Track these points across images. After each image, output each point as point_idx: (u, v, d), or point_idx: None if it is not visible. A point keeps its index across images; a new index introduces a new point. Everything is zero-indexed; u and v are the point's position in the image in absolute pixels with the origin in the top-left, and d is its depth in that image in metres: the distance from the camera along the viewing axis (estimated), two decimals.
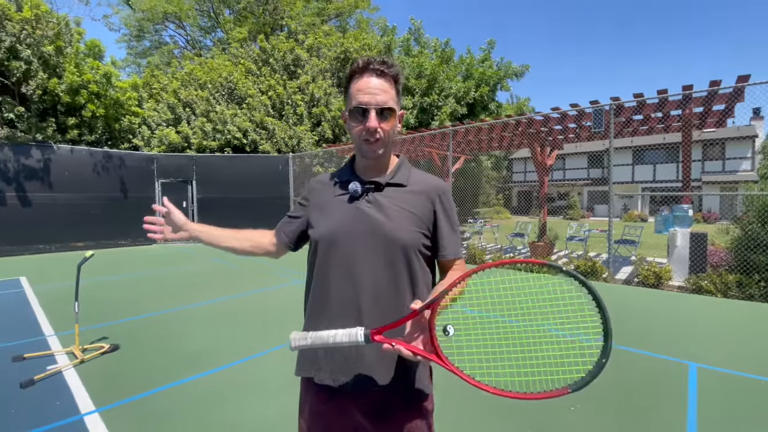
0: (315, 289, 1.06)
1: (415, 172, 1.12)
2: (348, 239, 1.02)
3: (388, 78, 1.01)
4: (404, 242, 1.00)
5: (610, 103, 6.43)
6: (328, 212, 1.08)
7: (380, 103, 0.98)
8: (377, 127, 0.99)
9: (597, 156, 26.66)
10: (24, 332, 4.20)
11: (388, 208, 1.03)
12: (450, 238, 1.07)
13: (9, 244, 10.11)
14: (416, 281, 1.02)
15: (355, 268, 1.00)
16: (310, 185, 1.20)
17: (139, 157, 12.72)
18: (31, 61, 10.19)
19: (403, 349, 0.82)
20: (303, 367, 1.06)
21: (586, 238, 9.28)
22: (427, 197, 1.06)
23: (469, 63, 18.48)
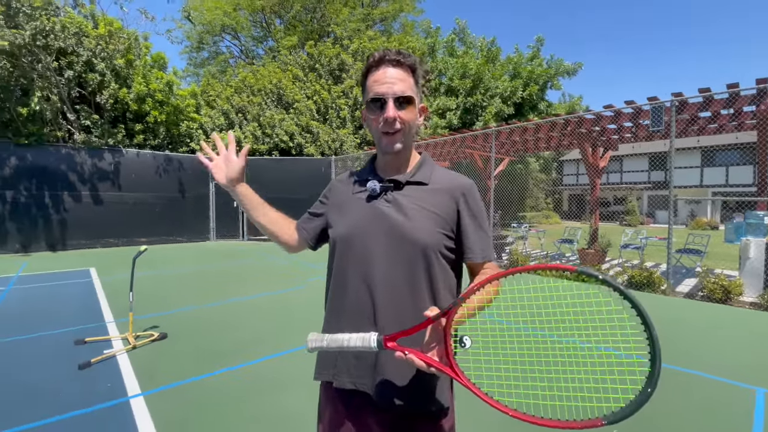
0: (333, 289, 1.05)
1: (438, 170, 1.07)
2: (364, 239, 0.99)
3: (404, 67, 0.97)
4: (424, 243, 0.96)
5: (671, 99, 5.89)
6: (346, 211, 1.07)
7: (398, 92, 0.95)
8: (396, 117, 0.95)
9: (659, 157, 24.63)
10: (88, 318, 4.62)
11: (408, 207, 0.98)
12: (476, 239, 1.00)
13: (83, 238, 11.24)
14: (436, 284, 0.97)
15: (371, 269, 0.97)
16: (331, 184, 1.19)
17: (195, 160, 13.62)
18: (105, 74, 11.28)
19: (415, 359, 0.78)
20: (321, 370, 1.04)
21: (643, 246, 8.58)
22: (451, 196, 1.01)
23: (517, 62, 17.87)
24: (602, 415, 0.70)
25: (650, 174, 26.56)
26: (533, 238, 12.20)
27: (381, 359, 0.95)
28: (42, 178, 10.58)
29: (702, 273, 6.21)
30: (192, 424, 2.45)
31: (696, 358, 3.49)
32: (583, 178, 29.53)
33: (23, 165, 10.31)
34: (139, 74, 12.08)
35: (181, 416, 2.54)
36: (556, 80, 18.22)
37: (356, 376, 0.97)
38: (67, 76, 10.71)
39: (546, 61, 18.11)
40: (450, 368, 0.79)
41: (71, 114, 11.18)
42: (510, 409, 0.76)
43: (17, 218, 10.22)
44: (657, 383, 0.67)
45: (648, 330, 0.68)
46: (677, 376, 3.13)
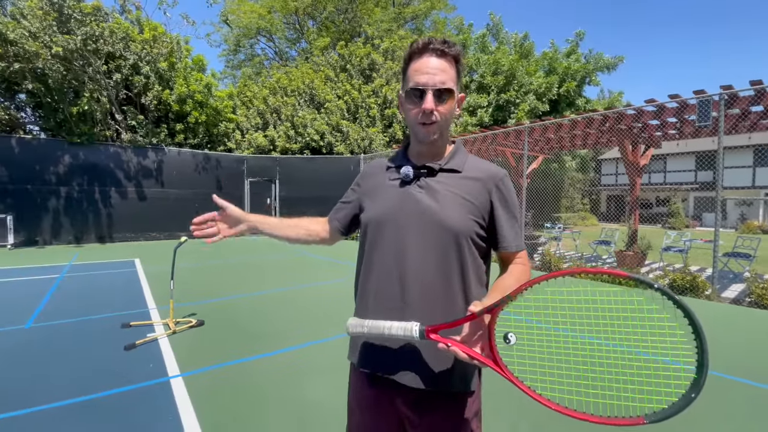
0: (363, 273, 1.06)
1: (471, 159, 1.07)
2: (396, 224, 0.99)
3: (448, 58, 0.96)
4: (456, 229, 0.95)
5: (720, 92, 5.53)
6: (379, 196, 1.07)
7: (438, 84, 0.94)
8: (434, 110, 0.95)
9: (707, 156, 23.09)
10: (133, 304, 4.93)
11: (441, 193, 0.99)
12: (509, 228, 1.00)
13: (128, 231, 11.97)
14: (466, 271, 0.97)
15: (402, 254, 0.97)
16: (363, 170, 1.20)
17: (231, 159, 14.17)
18: (149, 76, 11.94)
19: (459, 351, 0.79)
20: (354, 352, 1.06)
21: (687, 249, 8.10)
22: (484, 185, 1.00)
23: (552, 57, 17.31)
24: (644, 414, 0.70)
25: (697, 174, 24.98)
26: (567, 238, 11.80)
27: (414, 347, 0.95)
28: (92, 174, 11.35)
29: (750, 278, 5.80)
30: (226, 403, 2.58)
31: (743, 366, 3.28)
32: (623, 178, 28.19)
33: (76, 163, 11.10)
34: (180, 76, 12.71)
35: (216, 396, 2.68)
36: (595, 75, 17.50)
37: (385, 359, 0.99)
38: (115, 78, 11.43)
39: (584, 56, 17.43)
40: (493, 362, 0.80)
41: (119, 114, 11.92)
42: (553, 402, 0.76)
43: (71, 212, 11.03)
44: (701, 390, 0.67)
45: (698, 338, 0.67)
46: (725, 383, 2.96)
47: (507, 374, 0.79)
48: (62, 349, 3.45)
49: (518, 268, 1.00)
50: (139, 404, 2.55)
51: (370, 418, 1.05)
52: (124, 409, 2.49)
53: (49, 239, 10.74)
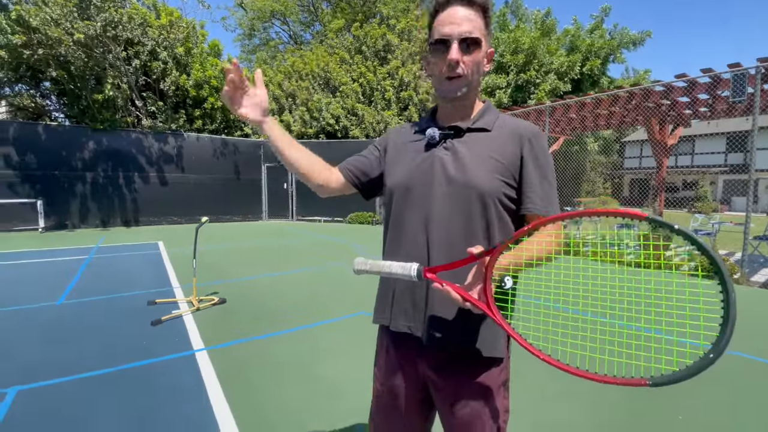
0: (390, 241, 1.04)
1: (503, 117, 1.01)
2: (422, 187, 0.96)
3: (475, 7, 0.90)
4: (481, 190, 0.91)
5: (757, 65, 5.20)
6: (403, 159, 1.04)
7: (464, 33, 0.88)
8: (459, 60, 0.89)
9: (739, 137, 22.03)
10: (158, 283, 5.09)
11: (467, 154, 0.94)
12: (539, 188, 0.93)
13: (152, 215, 12.31)
14: (492, 233, 0.92)
15: (429, 217, 0.95)
16: (388, 133, 1.15)
17: (249, 144, 14.28)
18: (167, 62, 12.05)
19: (451, 291, 0.78)
20: (379, 314, 1.05)
21: (715, 232, 7.80)
22: (513, 142, 0.94)
23: (575, 34, 16.61)
24: (649, 376, 0.65)
25: (727, 156, 23.91)
26: (588, 223, 11.52)
27: (432, 302, 0.94)
28: (116, 160, 11.65)
29: None
30: (249, 376, 2.65)
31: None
32: (647, 161, 27.23)
33: (100, 149, 11.39)
34: (197, 62, 12.78)
35: (238, 369, 2.75)
36: (620, 52, 16.74)
37: (412, 319, 0.97)
38: (134, 65, 11.58)
39: (609, 32, 16.66)
40: (486, 305, 0.78)
41: (139, 101, 12.12)
42: (544, 354, 0.73)
43: (97, 197, 11.39)
44: (722, 352, 0.60)
45: (725, 290, 0.60)
46: (754, 366, 2.87)
47: (498, 318, 0.77)
48: (92, 324, 3.59)
49: (545, 237, 0.91)
50: (166, 375, 2.65)
51: (393, 379, 1.04)
52: (153, 379, 2.59)
53: (78, 223, 11.14)
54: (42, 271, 5.86)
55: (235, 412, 2.23)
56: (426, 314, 0.95)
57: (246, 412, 2.23)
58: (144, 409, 2.25)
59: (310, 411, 2.26)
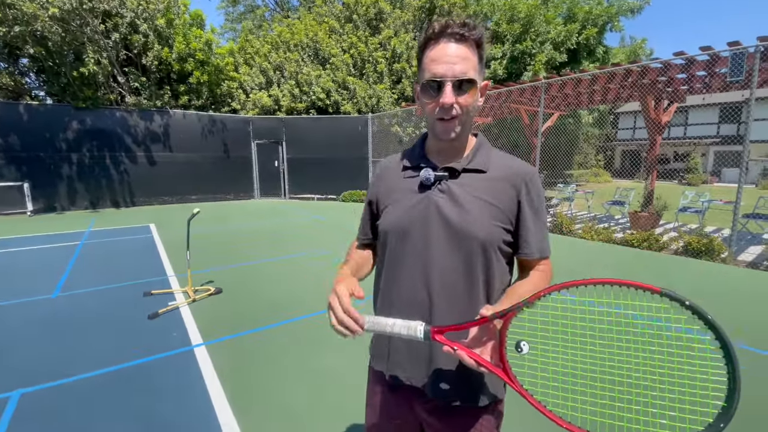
0: (386, 284, 1.01)
1: (496, 155, 0.98)
2: (419, 233, 0.93)
3: (469, 43, 0.86)
4: (482, 238, 0.89)
5: (757, 44, 5.11)
6: (397, 201, 1.00)
7: (458, 74, 0.84)
8: (453, 103, 0.86)
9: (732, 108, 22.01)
10: (152, 271, 5.08)
11: (464, 198, 0.91)
12: (535, 232, 0.93)
13: (142, 196, 12.12)
14: (492, 281, 0.92)
15: (427, 265, 0.92)
16: (377, 171, 1.12)
17: (237, 120, 13.92)
18: (148, 34, 11.48)
19: (465, 356, 0.76)
20: (376, 360, 1.04)
21: (704, 210, 7.93)
22: (512, 185, 0.93)
23: (573, 1, 16.07)
24: None
25: (719, 127, 23.93)
26: (580, 199, 11.62)
27: (435, 354, 0.93)
28: (102, 140, 11.31)
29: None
30: (247, 370, 2.70)
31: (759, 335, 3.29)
32: (640, 132, 27.19)
33: (84, 128, 11.02)
34: (179, 34, 12.19)
35: (237, 363, 2.81)
36: (617, 20, 16.29)
37: (410, 371, 0.96)
38: (114, 38, 11.02)
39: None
40: (503, 371, 0.76)
41: (121, 77, 11.63)
42: (564, 421, 0.72)
43: (84, 179, 11.13)
44: (730, 420, 0.64)
45: (730, 363, 0.64)
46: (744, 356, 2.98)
47: (516, 386, 0.76)
48: (89, 319, 3.60)
49: (538, 275, 0.95)
50: (166, 373, 2.69)
51: (388, 422, 1.05)
52: (153, 378, 2.62)
53: (67, 205, 10.94)
54: (34, 259, 5.80)
55: (235, 410, 2.29)
56: (430, 367, 0.94)
57: (246, 409, 2.29)
58: (145, 408, 2.29)
59: (312, 405, 2.32)
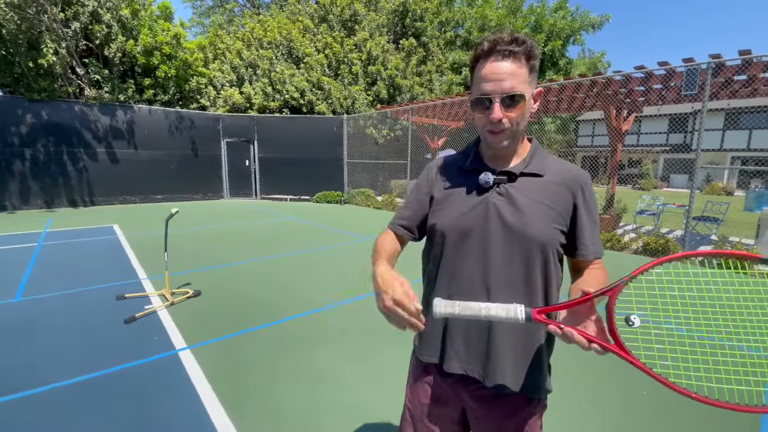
0: (443, 284, 1.01)
1: (551, 160, 1.02)
2: (478, 235, 0.96)
3: (517, 57, 0.88)
4: (541, 240, 0.93)
5: (709, 61, 5.61)
6: (455, 202, 1.01)
7: (507, 90, 0.88)
8: (501, 118, 0.90)
9: (680, 119, 23.78)
10: (122, 274, 4.84)
11: (522, 201, 0.94)
12: (590, 235, 0.97)
13: (102, 195, 11.47)
14: (550, 282, 0.96)
15: (487, 266, 0.94)
16: (431, 169, 1.11)
17: (206, 117, 13.47)
18: (112, 25, 10.91)
19: (575, 335, 0.74)
20: (428, 352, 1.04)
21: (660, 212, 8.54)
22: (568, 189, 0.97)
23: (540, 13, 16.83)
24: None
25: (669, 136, 25.77)
26: None
27: (495, 345, 0.95)
28: (58, 134, 10.60)
29: (718, 241, 6.24)
30: (238, 372, 2.66)
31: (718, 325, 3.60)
32: (599, 139, 28.78)
33: (39, 122, 10.30)
34: (145, 25, 11.66)
35: (226, 366, 2.75)
36: (580, 35, 17.23)
37: (466, 361, 0.98)
38: (74, 28, 10.39)
39: (571, 13, 17.03)
40: (617, 346, 0.74)
41: (80, 68, 10.96)
42: (690, 391, 0.71)
43: (38, 175, 10.39)
44: None
45: None
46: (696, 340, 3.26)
47: (634, 360, 0.73)
48: (59, 324, 3.40)
49: (597, 272, 0.97)
50: (151, 378, 2.59)
51: (433, 408, 1.07)
52: (138, 383, 2.52)
53: (19, 204, 10.16)
54: None
55: (229, 412, 2.25)
56: (489, 356, 0.96)
57: (241, 411, 2.26)
58: (134, 416, 2.21)
59: (308, 404, 2.32)
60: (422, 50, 15.86)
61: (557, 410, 2.34)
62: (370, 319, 3.48)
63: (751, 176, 22.28)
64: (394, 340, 2.98)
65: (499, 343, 0.95)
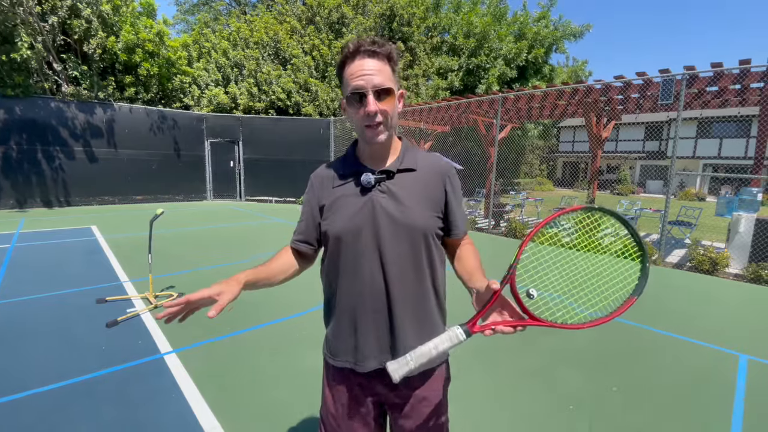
0: (346, 284, 1.07)
1: (421, 155, 1.12)
2: (370, 231, 1.02)
3: (381, 57, 0.97)
4: (423, 227, 1.04)
5: (683, 72, 5.86)
6: (343, 206, 1.06)
7: (377, 85, 0.95)
8: (377, 110, 0.96)
9: (656, 127, 24.62)
10: (102, 277, 4.71)
11: (402, 195, 1.04)
12: (460, 216, 1.12)
13: (78, 195, 11.11)
14: (434, 262, 1.08)
15: (384, 257, 1.02)
16: (313, 181, 1.16)
17: (190, 117, 13.23)
18: (91, 20, 10.62)
19: (504, 328, 0.84)
20: (341, 356, 1.09)
21: (637, 217, 8.84)
22: (438, 179, 1.08)
23: (523, 21, 17.19)
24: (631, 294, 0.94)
25: (645, 143, 26.65)
26: (530, 206, 12.40)
27: (398, 331, 1.03)
28: (32, 132, 10.24)
29: (691, 245, 6.49)
30: (227, 376, 2.63)
31: (682, 324, 3.76)
32: (579, 145, 29.52)
33: (12, 118, 9.92)
34: (127, 22, 11.40)
35: (213, 369, 2.72)
36: (562, 43, 17.67)
37: (380, 355, 1.05)
38: (51, 22, 10.07)
39: (553, 23, 17.46)
40: (532, 319, 0.87)
41: (57, 64, 10.63)
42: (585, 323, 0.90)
43: (10, 174, 10.00)
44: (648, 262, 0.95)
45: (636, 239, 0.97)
46: (666, 341, 3.40)
47: (546, 323, 0.87)
48: (37, 329, 3.29)
49: (470, 248, 1.12)
50: (136, 383, 2.54)
51: (350, 408, 1.12)
52: (120, 388, 2.47)
53: None
54: None
55: (217, 414, 2.23)
56: (396, 348, 1.04)
57: (229, 413, 2.24)
58: (119, 421, 2.16)
59: (297, 405, 2.32)
60: (409, 55, 15.99)
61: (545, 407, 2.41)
62: None
63: (722, 183, 23.26)
64: None
65: (400, 327, 1.04)
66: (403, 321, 1.03)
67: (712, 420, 2.33)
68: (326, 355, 1.16)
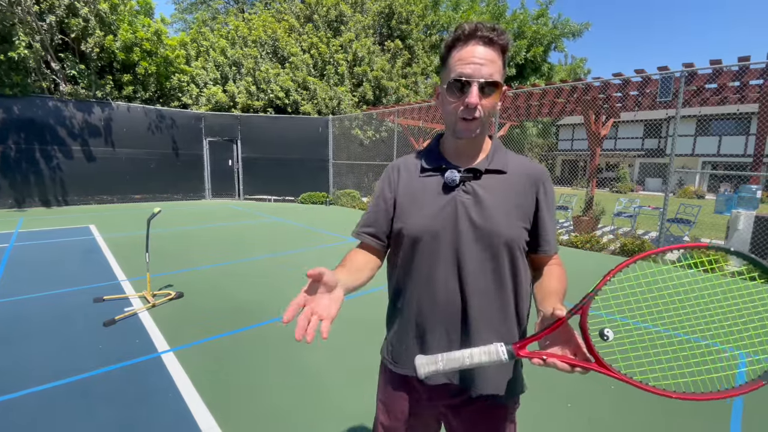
0: (416, 290, 0.98)
1: (512, 156, 1.00)
2: (449, 234, 0.93)
3: (496, 47, 0.86)
4: (508, 237, 0.92)
5: (682, 69, 5.85)
6: (422, 203, 0.97)
7: (485, 76, 0.85)
8: (478, 104, 0.86)
9: (655, 125, 24.63)
10: (100, 276, 4.70)
11: (488, 199, 0.93)
12: (551, 231, 0.98)
13: (77, 194, 11.09)
14: (519, 279, 0.95)
15: (461, 264, 0.92)
16: (391, 172, 1.06)
17: (188, 116, 13.21)
18: (89, 19, 10.58)
19: (558, 362, 0.73)
20: (403, 365, 1.01)
21: (636, 214, 8.83)
22: (530, 186, 0.96)
23: (522, 20, 17.18)
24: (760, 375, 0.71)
25: (644, 141, 26.65)
26: None
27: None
28: (31, 131, 10.21)
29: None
30: (225, 375, 2.62)
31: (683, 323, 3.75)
32: (578, 143, 29.52)
33: (10, 118, 9.90)
34: (124, 20, 11.37)
35: (210, 369, 2.71)
36: (561, 42, 17.66)
37: (450, 374, 0.96)
38: (49, 21, 10.04)
39: (552, 21, 17.45)
40: (598, 364, 0.73)
41: (55, 63, 10.60)
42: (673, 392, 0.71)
43: (9, 173, 9.98)
44: None
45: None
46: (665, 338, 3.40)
47: (615, 374, 0.73)
48: (34, 327, 3.28)
49: (558, 269, 0.99)
50: (133, 382, 2.53)
51: (409, 420, 1.05)
52: (118, 387, 2.46)
53: None
54: None
55: (214, 413, 2.22)
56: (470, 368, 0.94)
57: (226, 412, 2.23)
58: (116, 420, 2.15)
59: (296, 405, 2.31)
60: (407, 53, 15.96)
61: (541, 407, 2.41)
62: (355, 320, 3.49)
63: (721, 180, 23.29)
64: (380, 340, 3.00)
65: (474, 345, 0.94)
66: (477, 340, 0.92)
67: (711, 420, 2.32)
68: (386, 360, 1.07)
